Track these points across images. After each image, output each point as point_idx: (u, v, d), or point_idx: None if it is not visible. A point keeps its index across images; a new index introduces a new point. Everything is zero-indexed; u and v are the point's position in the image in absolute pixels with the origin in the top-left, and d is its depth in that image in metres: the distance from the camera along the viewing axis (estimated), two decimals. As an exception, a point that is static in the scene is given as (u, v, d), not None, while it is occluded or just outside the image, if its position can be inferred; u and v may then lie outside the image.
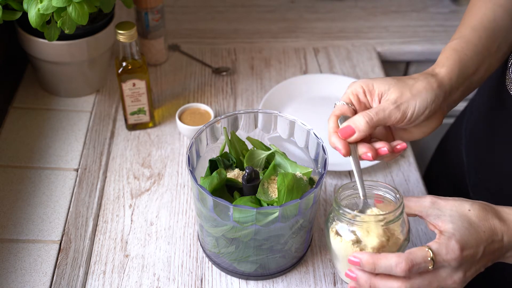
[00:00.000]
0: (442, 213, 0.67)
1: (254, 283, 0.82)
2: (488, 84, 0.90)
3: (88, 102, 1.09)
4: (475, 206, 0.67)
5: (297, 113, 1.10)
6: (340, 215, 0.68)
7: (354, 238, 0.67)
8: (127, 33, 0.92)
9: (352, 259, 0.65)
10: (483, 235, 0.65)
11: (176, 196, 0.94)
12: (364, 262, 0.64)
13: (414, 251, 0.63)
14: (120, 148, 1.01)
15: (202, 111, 1.03)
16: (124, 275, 0.82)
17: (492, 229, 0.66)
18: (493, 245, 0.66)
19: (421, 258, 0.62)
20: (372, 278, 0.64)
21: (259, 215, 0.71)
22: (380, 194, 0.71)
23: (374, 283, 0.64)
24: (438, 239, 0.64)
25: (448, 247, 0.63)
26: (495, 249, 0.66)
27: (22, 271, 0.81)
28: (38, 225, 0.87)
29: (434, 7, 1.42)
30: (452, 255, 0.63)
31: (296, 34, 1.31)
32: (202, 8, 1.39)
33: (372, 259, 0.63)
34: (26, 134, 1.01)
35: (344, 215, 0.67)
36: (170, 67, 1.20)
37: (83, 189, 0.93)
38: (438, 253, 0.63)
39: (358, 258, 0.64)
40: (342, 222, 0.68)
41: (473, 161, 0.94)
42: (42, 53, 1.01)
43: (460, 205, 0.67)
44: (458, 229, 0.65)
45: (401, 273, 0.62)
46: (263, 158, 0.82)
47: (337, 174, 0.99)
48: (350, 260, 0.65)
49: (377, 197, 0.71)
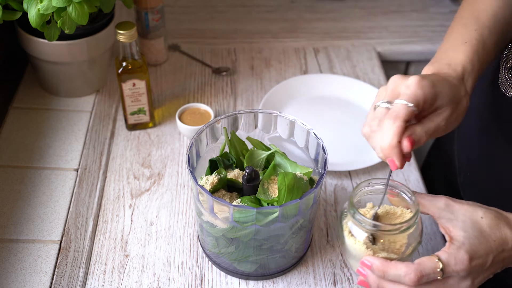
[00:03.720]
0: (454, 218, 0.66)
1: (254, 283, 0.82)
2: (480, 84, 0.90)
3: (88, 102, 1.09)
4: (488, 214, 0.66)
5: (297, 113, 1.10)
6: (356, 220, 0.67)
7: (368, 240, 0.67)
8: (127, 33, 0.92)
9: (364, 262, 0.66)
10: (493, 244, 0.65)
11: (176, 196, 0.94)
12: (375, 268, 0.64)
13: (424, 262, 0.63)
14: (120, 148, 1.01)
15: (202, 111, 1.03)
16: (124, 275, 0.82)
17: (503, 238, 0.65)
18: (502, 254, 0.65)
19: (431, 269, 0.63)
20: (381, 281, 0.65)
21: (259, 215, 0.71)
22: (395, 191, 0.71)
23: (382, 285, 0.65)
24: (447, 248, 0.64)
25: (457, 258, 0.63)
26: (505, 257, 0.66)
27: (22, 271, 0.81)
28: (38, 225, 0.87)
29: (434, 7, 1.42)
30: (461, 265, 0.63)
31: (296, 34, 1.31)
32: (202, 8, 1.39)
33: (382, 266, 0.64)
34: (26, 134, 1.01)
35: (360, 221, 0.67)
36: (170, 67, 1.20)
37: (83, 189, 0.93)
38: (448, 264, 0.63)
39: (370, 262, 0.65)
40: (356, 225, 0.68)
41: (464, 160, 0.94)
42: (42, 53, 1.01)
43: (473, 211, 0.66)
44: (468, 238, 0.64)
45: (410, 283, 0.63)
46: (263, 158, 0.82)
47: (337, 174, 0.99)
48: (362, 262, 0.66)
49: (390, 192, 0.71)
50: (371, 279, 0.66)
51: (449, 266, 0.63)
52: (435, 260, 0.63)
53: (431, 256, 0.63)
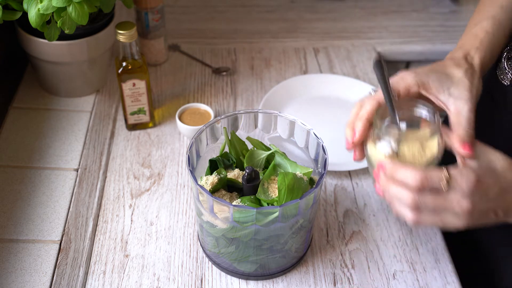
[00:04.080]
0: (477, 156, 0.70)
1: (254, 283, 0.82)
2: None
3: (88, 102, 1.09)
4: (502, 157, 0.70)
5: (297, 113, 1.10)
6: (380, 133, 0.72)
7: (391, 152, 0.71)
8: (127, 33, 0.92)
9: (380, 164, 0.70)
10: (503, 181, 0.68)
11: (176, 196, 0.94)
12: (387, 167, 0.69)
13: (432, 170, 0.66)
14: (120, 148, 1.01)
15: (202, 111, 1.03)
16: (124, 275, 0.82)
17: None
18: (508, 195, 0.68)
19: (437, 177, 0.65)
20: (389, 182, 0.69)
21: (259, 215, 0.71)
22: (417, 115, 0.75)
23: (388, 186, 0.69)
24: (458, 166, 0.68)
25: (465, 175, 0.66)
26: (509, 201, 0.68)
27: (22, 271, 0.81)
28: (38, 225, 0.87)
29: (434, 7, 1.42)
30: (467, 183, 0.65)
31: (296, 34, 1.31)
32: (202, 8, 1.39)
33: (394, 166, 0.68)
34: (26, 134, 1.01)
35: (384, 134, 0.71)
36: (170, 67, 1.20)
37: (83, 189, 0.93)
38: (454, 177, 0.65)
39: (385, 163, 0.69)
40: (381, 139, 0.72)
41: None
42: (42, 53, 1.01)
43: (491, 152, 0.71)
44: (480, 167, 0.68)
45: (413, 183, 0.65)
46: (263, 158, 0.82)
47: (337, 174, 0.99)
48: (378, 164, 0.71)
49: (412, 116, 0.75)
50: (382, 181, 0.70)
51: (454, 179, 0.65)
52: (444, 170, 0.66)
53: (441, 168, 0.66)
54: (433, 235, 0.90)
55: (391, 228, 0.91)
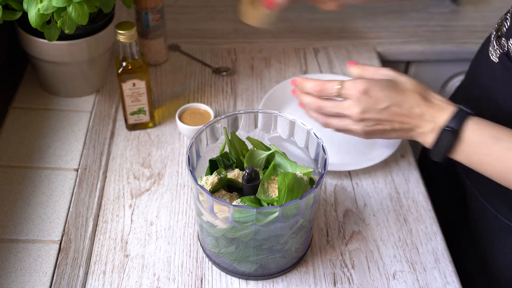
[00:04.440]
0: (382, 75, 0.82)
1: (254, 283, 0.82)
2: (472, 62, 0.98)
3: (88, 102, 1.09)
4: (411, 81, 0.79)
5: (297, 113, 1.09)
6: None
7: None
8: (127, 33, 0.92)
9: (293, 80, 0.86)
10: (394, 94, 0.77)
11: (176, 196, 0.94)
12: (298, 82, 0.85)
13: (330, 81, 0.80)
14: (120, 148, 1.01)
15: (202, 111, 1.03)
16: (124, 275, 0.82)
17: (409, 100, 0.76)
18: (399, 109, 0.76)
19: (331, 84, 0.80)
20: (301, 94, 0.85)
21: (259, 215, 0.71)
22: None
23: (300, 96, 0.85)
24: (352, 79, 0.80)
25: (355, 84, 0.78)
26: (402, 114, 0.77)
27: (22, 271, 0.81)
28: (38, 225, 0.87)
29: (434, 7, 1.42)
30: (356, 89, 0.77)
31: (296, 34, 1.31)
32: (202, 8, 1.39)
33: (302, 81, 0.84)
34: (26, 134, 1.01)
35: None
36: (170, 67, 1.20)
37: (83, 189, 0.93)
38: (346, 86, 0.78)
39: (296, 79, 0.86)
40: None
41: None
42: (42, 53, 1.01)
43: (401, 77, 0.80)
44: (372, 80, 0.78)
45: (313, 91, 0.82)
46: (263, 158, 0.82)
47: (337, 174, 0.99)
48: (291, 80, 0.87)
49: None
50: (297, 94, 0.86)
51: (345, 88, 0.78)
52: (338, 81, 0.79)
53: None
54: (433, 235, 0.90)
55: (391, 228, 0.91)
